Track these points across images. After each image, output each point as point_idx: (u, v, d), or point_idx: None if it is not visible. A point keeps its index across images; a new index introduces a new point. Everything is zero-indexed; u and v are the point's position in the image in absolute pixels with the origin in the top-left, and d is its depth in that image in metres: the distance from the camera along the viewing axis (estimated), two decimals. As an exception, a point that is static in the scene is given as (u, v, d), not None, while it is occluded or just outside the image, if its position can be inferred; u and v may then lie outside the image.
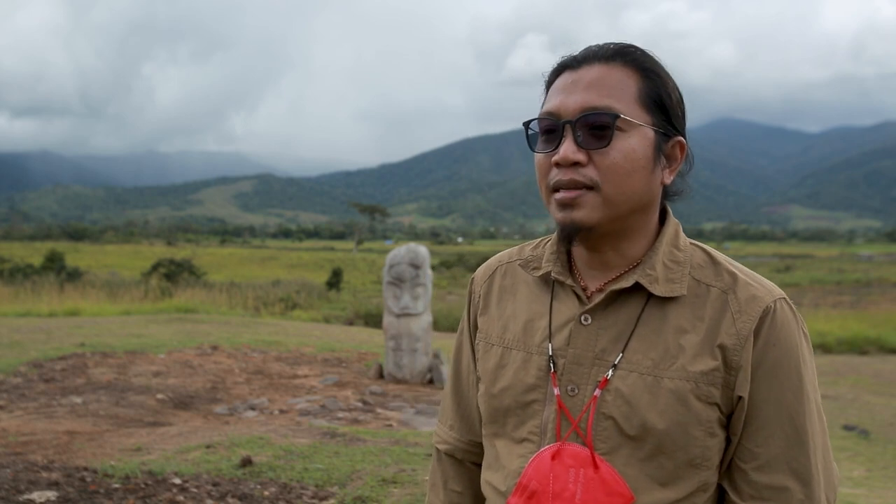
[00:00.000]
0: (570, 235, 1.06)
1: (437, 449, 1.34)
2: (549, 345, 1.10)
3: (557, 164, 1.04)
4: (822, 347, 13.93)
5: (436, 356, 8.41)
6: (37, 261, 31.88)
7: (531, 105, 1.11)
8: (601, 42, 1.08)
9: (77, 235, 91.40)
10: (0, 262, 29.95)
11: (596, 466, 1.03)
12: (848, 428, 7.07)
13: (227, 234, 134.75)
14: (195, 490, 4.11)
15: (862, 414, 7.87)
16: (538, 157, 1.07)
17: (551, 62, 1.11)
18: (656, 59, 1.08)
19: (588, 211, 1.03)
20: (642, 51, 1.07)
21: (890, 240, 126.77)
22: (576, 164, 1.02)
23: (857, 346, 13.91)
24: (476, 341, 1.23)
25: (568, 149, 1.02)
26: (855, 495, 4.87)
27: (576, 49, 1.10)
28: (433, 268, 11.10)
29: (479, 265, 1.29)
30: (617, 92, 1.03)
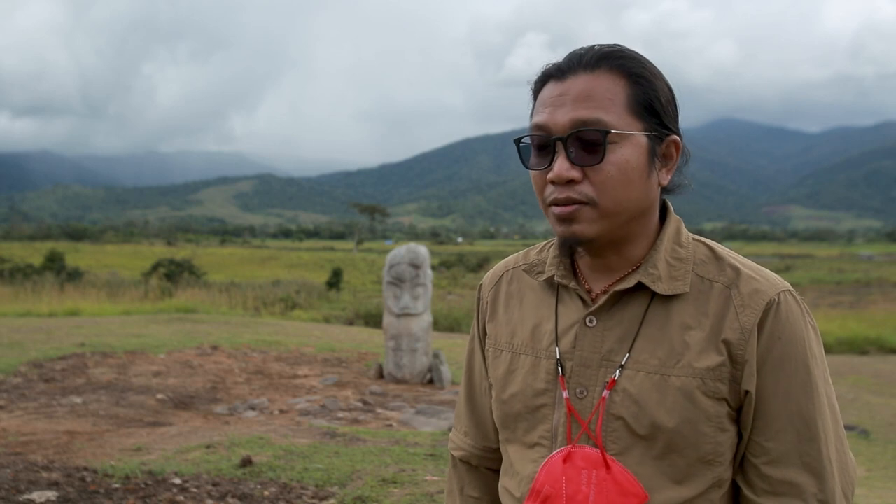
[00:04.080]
0: (570, 247, 1.07)
1: (453, 456, 1.34)
2: (557, 348, 1.10)
3: (552, 182, 1.03)
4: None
5: (436, 356, 8.41)
6: (37, 261, 31.87)
7: (531, 105, 1.11)
8: (588, 45, 1.06)
9: (77, 235, 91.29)
10: (0, 262, 29.95)
11: (608, 467, 1.03)
12: (848, 428, 7.07)
13: (227, 234, 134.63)
14: (195, 490, 4.11)
15: (862, 414, 7.87)
16: (533, 173, 1.07)
17: (552, 62, 1.09)
18: (642, 59, 1.06)
19: (587, 224, 1.03)
20: (627, 53, 1.05)
21: (890, 240, 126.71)
22: (571, 182, 1.02)
23: (857, 346, 13.91)
24: (486, 347, 1.24)
25: (561, 167, 1.02)
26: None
27: (577, 48, 1.09)
28: (433, 268, 11.09)
29: (479, 265, 1.30)
30: (605, 103, 1.01)
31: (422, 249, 8.67)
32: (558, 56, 1.09)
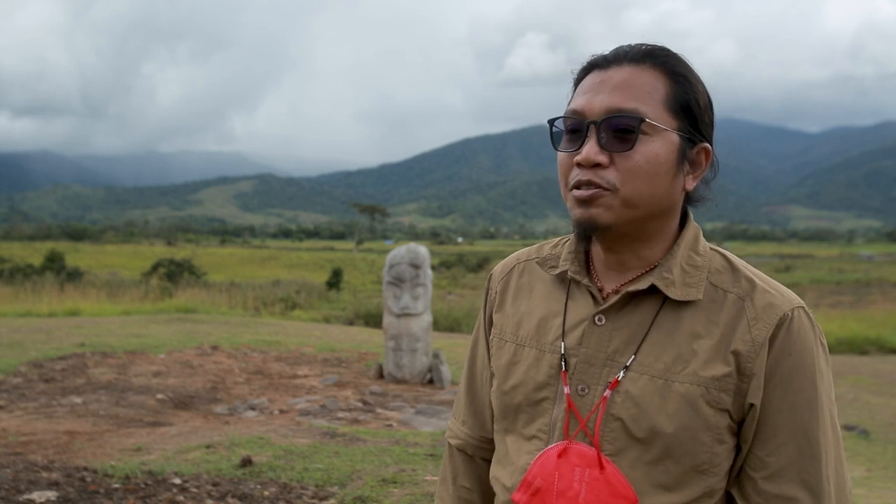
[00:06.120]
0: (586, 233, 1.06)
1: (449, 444, 1.34)
2: (562, 343, 1.10)
3: (579, 164, 1.03)
4: (822, 347, 13.94)
5: (436, 356, 8.41)
6: (37, 261, 31.88)
7: (531, 105, 1.13)
8: (631, 42, 1.08)
9: (77, 235, 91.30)
10: (0, 262, 29.95)
11: (602, 467, 1.03)
12: (848, 428, 7.06)
13: (227, 234, 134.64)
14: (195, 490, 4.11)
15: (862, 414, 7.87)
16: (561, 155, 1.07)
17: (552, 61, 1.13)
18: (687, 62, 1.07)
19: (605, 210, 1.02)
20: (673, 54, 1.06)
21: (890, 240, 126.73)
22: (597, 166, 1.02)
23: (857, 346, 13.89)
24: (490, 337, 1.24)
25: (590, 150, 1.02)
26: (855, 495, 4.87)
27: (577, 48, 1.11)
28: (433, 268, 11.09)
29: (479, 265, 1.30)
30: (644, 95, 1.02)
31: (422, 249, 8.67)
32: (558, 56, 1.13)
